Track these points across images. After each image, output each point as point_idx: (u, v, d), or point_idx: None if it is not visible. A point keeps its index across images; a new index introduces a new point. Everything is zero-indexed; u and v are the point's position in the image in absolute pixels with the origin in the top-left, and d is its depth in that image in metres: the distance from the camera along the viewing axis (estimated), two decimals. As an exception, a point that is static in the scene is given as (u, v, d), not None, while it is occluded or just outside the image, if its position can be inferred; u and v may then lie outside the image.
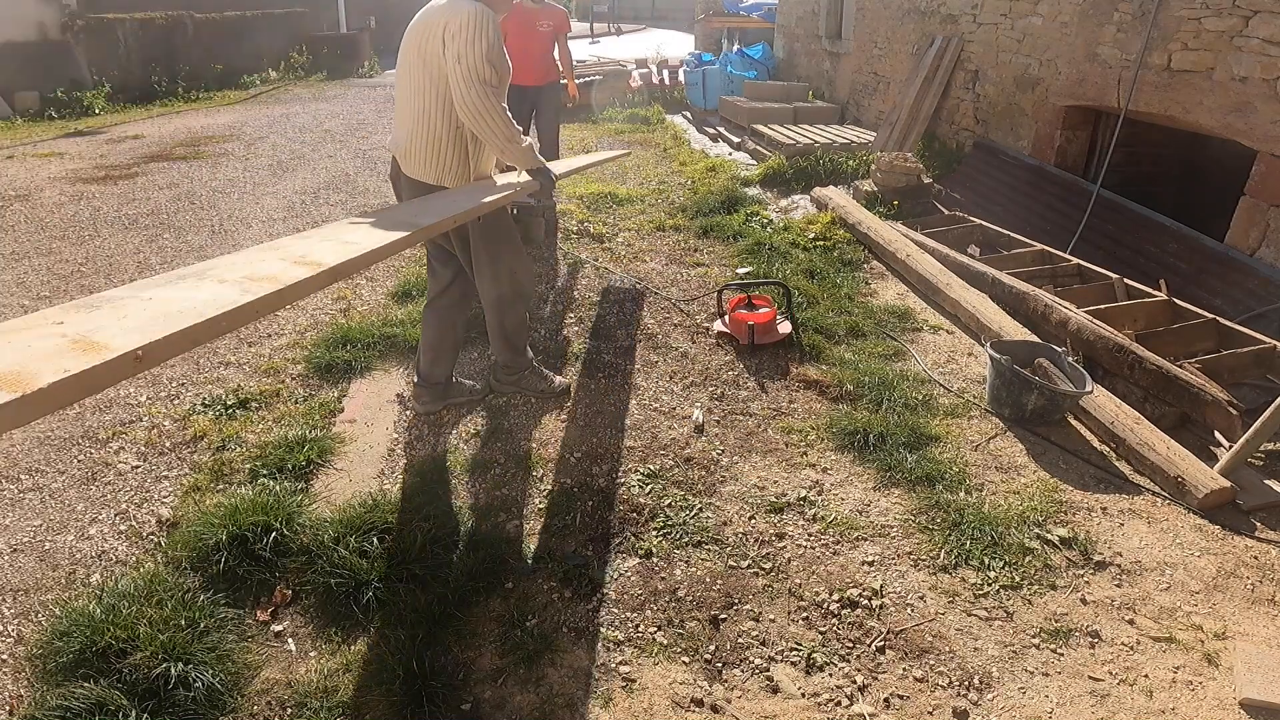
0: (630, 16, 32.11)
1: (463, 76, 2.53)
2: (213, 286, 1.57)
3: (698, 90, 10.48)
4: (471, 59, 2.52)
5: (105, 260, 5.01)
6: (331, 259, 1.80)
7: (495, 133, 2.65)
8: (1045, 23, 5.82)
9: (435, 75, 2.65)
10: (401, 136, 2.82)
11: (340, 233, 2.14)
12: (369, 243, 1.99)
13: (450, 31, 2.54)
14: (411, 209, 2.59)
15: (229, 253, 5.22)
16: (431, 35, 2.60)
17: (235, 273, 1.67)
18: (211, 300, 1.47)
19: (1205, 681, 2.05)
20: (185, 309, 1.42)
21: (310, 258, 1.80)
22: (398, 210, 2.63)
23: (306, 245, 1.96)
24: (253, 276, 1.63)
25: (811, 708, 1.96)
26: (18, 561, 2.42)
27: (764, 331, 3.81)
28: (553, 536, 2.54)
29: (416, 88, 2.70)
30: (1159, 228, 4.72)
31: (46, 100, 10.65)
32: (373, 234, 2.11)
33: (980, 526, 2.55)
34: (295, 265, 1.73)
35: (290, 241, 2.05)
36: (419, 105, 2.71)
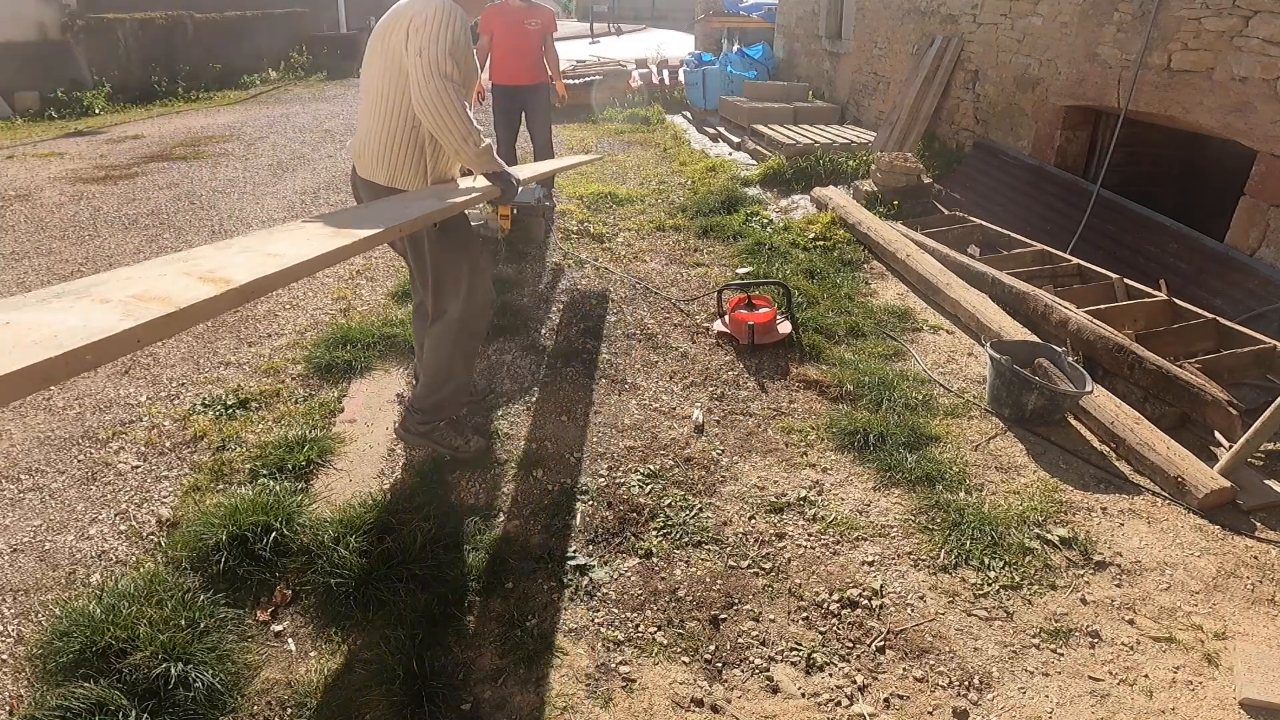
0: (630, 16, 32.10)
1: (422, 70, 2.42)
2: (88, 308, 1.35)
3: (698, 90, 10.48)
4: (433, 52, 2.41)
5: (105, 260, 5.01)
6: (243, 275, 1.55)
7: (450, 129, 2.49)
8: (1045, 23, 5.81)
9: (395, 70, 2.53)
10: (359, 135, 2.72)
11: (267, 242, 1.88)
12: (294, 255, 1.73)
13: (415, 25, 2.45)
14: (356, 214, 2.38)
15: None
16: (396, 29, 2.51)
17: (124, 290, 1.45)
18: (79, 327, 1.25)
19: (1205, 681, 2.05)
20: (40, 338, 1.20)
21: (220, 273, 1.57)
22: (341, 215, 2.38)
23: (220, 258, 1.72)
24: (143, 296, 1.40)
25: (811, 708, 1.96)
26: (18, 561, 2.42)
27: (764, 331, 3.81)
28: (553, 536, 2.54)
29: (376, 83, 2.60)
30: (1159, 228, 4.72)
31: (46, 100, 10.64)
32: (303, 244, 1.85)
33: (980, 526, 2.55)
34: (200, 283, 1.50)
35: (205, 252, 1.80)
36: (377, 101, 2.60)
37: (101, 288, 1.47)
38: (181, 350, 3.82)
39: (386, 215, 2.27)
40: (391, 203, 2.55)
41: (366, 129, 2.66)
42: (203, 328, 4.05)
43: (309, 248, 1.80)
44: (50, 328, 1.25)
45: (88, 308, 1.35)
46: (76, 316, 1.31)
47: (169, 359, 3.73)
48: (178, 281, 1.50)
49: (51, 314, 1.32)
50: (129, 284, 1.48)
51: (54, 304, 1.37)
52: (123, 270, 1.61)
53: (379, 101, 2.60)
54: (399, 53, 2.50)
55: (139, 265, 1.68)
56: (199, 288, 1.47)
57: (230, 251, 1.78)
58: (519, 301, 4.35)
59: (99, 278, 1.55)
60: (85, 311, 1.33)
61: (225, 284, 1.49)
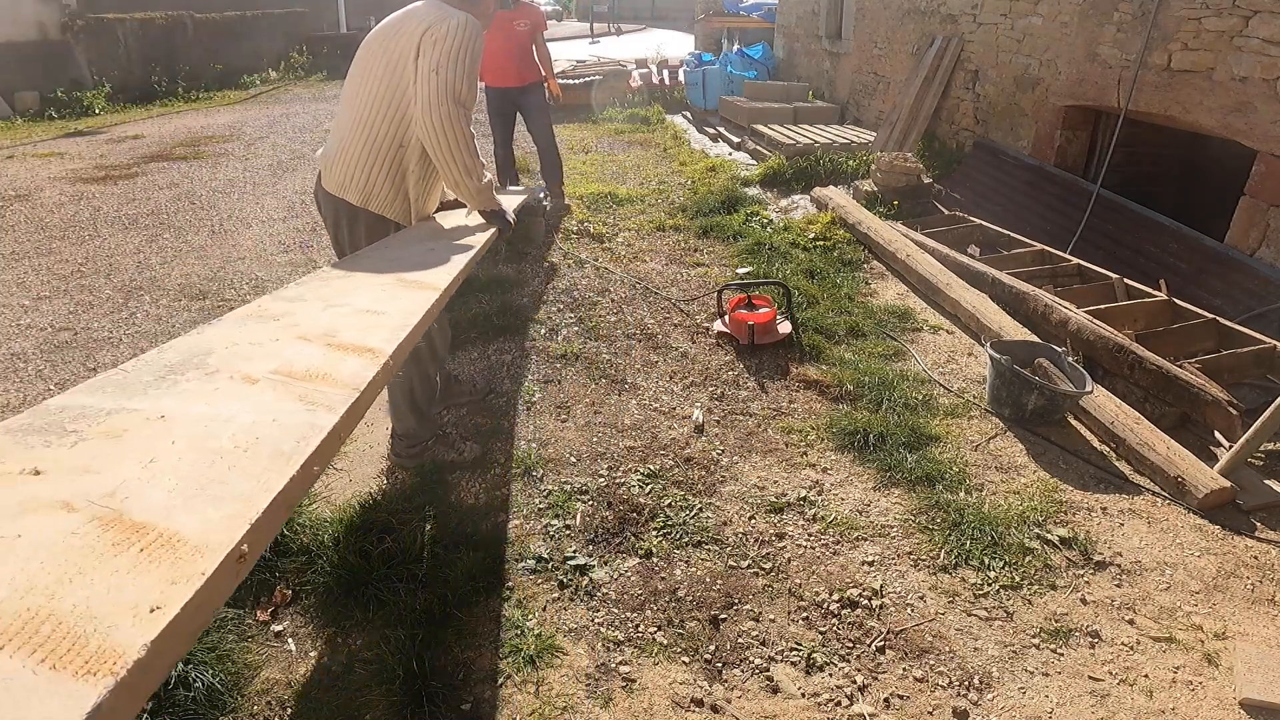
0: (630, 16, 32.10)
1: (435, 89, 2.25)
2: (245, 391, 1.06)
3: (698, 90, 10.47)
4: (450, 73, 2.25)
5: (105, 260, 5.01)
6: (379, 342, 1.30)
7: (455, 160, 2.34)
8: (1045, 23, 5.81)
9: (395, 80, 2.34)
10: (332, 144, 2.47)
11: (344, 295, 1.62)
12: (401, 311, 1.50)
13: (432, 37, 2.27)
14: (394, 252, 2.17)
15: (228, 254, 5.10)
16: (404, 36, 2.32)
17: (259, 364, 1.16)
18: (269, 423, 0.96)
19: (1205, 681, 2.05)
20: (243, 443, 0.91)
21: (345, 337, 1.31)
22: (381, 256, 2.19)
23: (318, 317, 1.43)
24: (294, 373, 1.13)
25: (811, 708, 1.96)
26: (18, 561, 2.42)
27: (764, 331, 3.81)
28: (553, 536, 2.54)
29: (368, 91, 2.38)
30: (1159, 228, 4.72)
31: (46, 100, 10.65)
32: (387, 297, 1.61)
33: (980, 526, 2.55)
34: (337, 351, 1.25)
35: (280, 308, 1.49)
36: (365, 111, 2.38)
37: (221, 360, 1.18)
38: (181, 350, 3.82)
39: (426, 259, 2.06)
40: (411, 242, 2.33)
41: (344, 140, 2.43)
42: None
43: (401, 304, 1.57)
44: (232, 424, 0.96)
45: (242, 389, 1.07)
46: (245, 405, 1.02)
47: (169, 359, 3.73)
48: (309, 351, 1.24)
49: (203, 402, 1.03)
50: (246, 353, 1.21)
51: (186, 385, 1.07)
52: (208, 331, 1.31)
53: (367, 111, 2.38)
54: (402, 62, 2.32)
55: (224, 326, 1.38)
56: (349, 359, 1.21)
57: (312, 308, 1.52)
58: (519, 301, 4.35)
59: (196, 343, 1.24)
60: (251, 397, 1.05)
61: (369, 352, 1.25)
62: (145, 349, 3.79)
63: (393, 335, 1.33)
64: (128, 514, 0.78)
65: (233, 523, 0.78)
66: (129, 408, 0.97)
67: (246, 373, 1.10)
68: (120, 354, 3.76)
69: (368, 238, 2.54)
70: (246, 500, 0.82)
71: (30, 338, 3.94)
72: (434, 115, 2.27)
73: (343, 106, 2.49)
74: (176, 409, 0.97)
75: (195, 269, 4.86)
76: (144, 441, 0.90)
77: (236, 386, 1.06)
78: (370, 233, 2.54)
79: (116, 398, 1.00)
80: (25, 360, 3.71)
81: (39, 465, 0.85)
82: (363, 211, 2.48)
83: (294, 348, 1.22)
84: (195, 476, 0.84)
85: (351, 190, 2.45)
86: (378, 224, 2.54)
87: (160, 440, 0.90)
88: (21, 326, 4.07)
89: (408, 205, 2.55)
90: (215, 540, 0.76)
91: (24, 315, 4.20)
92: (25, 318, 4.17)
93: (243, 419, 0.96)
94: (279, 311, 1.43)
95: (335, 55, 15.41)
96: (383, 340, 1.30)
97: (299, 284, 1.71)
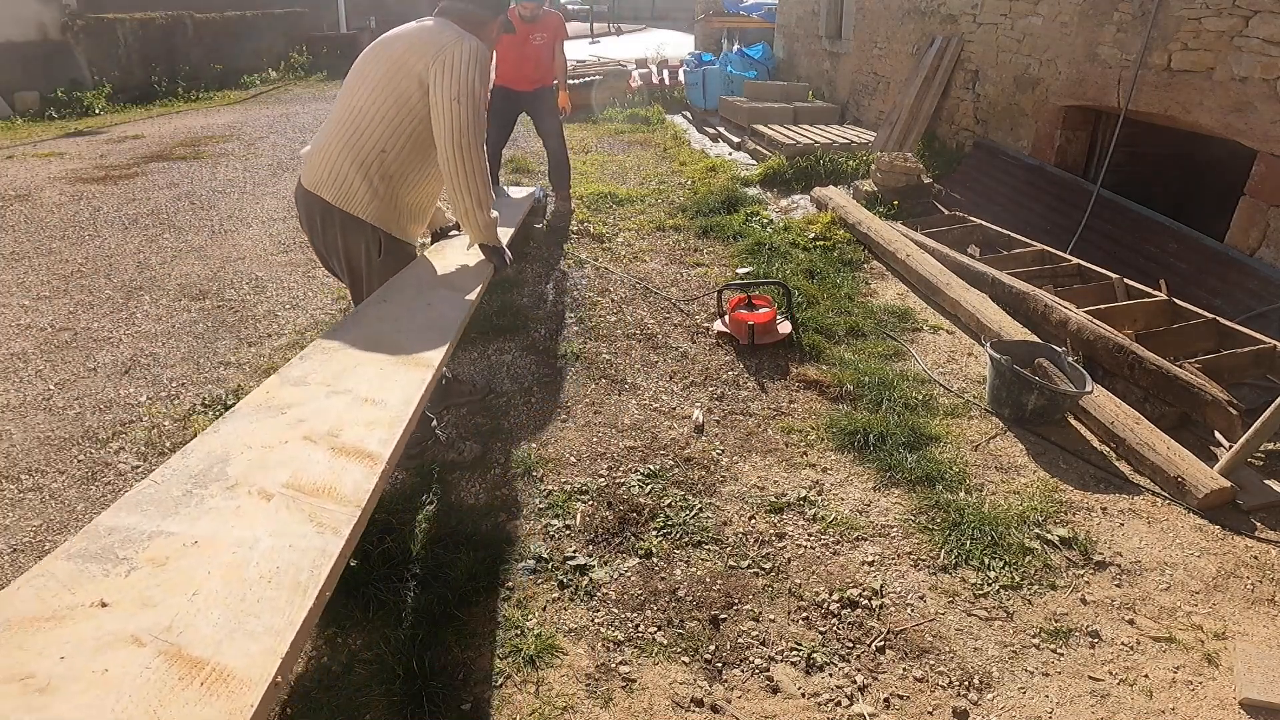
0: (630, 16, 32.10)
1: (458, 120, 2.29)
2: (262, 509, 1.17)
3: (698, 90, 10.47)
4: (469, 104, 2.30)
5: (105, 260, 5.01)
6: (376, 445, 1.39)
7: (470, 190, 2.38)
8: (1045, 23, 5.82)
9: (392, 87, 2.35)
10: (315, 140, 2.47)
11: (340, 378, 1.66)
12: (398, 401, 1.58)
13: (449, 63, 2.29)
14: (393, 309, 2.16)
15: (228, 254, 5.10)
16: (412, 50, 2.34)
17: (268, 475, 1.25)
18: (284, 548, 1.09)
19: (1205, 681, 2.05)
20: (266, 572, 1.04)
21: (347, 439, 1.39)
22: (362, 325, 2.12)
23: (325, 412, 1.49)
24: (304, 487, 1.23)
25: (811, 708, 1.96)
26: (18, 561, 2.42)
27: (764, 331, 3.81)
28: (553, 536, 2.54)
29: (361, 91, 2.38)
30: (1159, 228, 4.72)
31: (46, 100, 10.65)
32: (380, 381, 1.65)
33: (980, 526, 2.55)
34: (341, 457, 1.34)
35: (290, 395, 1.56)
36: (354, 108, 2.38)
37: (239, 469, 1.28)
38: (181, 350, 3.82)
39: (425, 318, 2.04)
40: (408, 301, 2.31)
41: (328, 137, 2.43)
42: (203, 327, 4.06)
43: (398, 389, 1.63)
44: (256, 550, 1.08)
45: (259, 508, 1.17)
46: (264, 527, 1.13)
47: (169, 359, 3.73)
48: (315, 458, 1.33)
49: (228, 524, 1.14)
50: (260, 459, 1.30)
51: (211, 501, 1.18)
52: (224, 429, 1.41)
53: (356, 113, 2.38)
54: (403, 72, 2.34)
55: (231, 419, 1.46)
56: (351, 467, 1.30)
57: (316, 395, 1.58)
58: (519, 301, 4.35)
59: (214, 447, 1.34)
60: (268, 518, 1.15)
61: (369, 458, 1.35)
62: (145, 349, 3.80)
63: (390, 434, 1.42)
64: (186, 649, 0.94)
65: (268, 658, 0.94)
66: (166, 530, 1.11)
67: (262, 487, 1.22)
68: (120, 354, 3.77)
69: (343, 239, 2.48)
70: (276, 635, 0.97)
71: (30, 338, 3.94)
72: (457, 147, 2.32)
73: (336, 108, 2.49)
74: (207, 533, 1.11)
75: (195, 269, 4.86)
76: (185, 571, 1.05)
77: (255, 504, 1.18)
78: (346, 234, 2.47)
79: (154, 517, 1.14)
80: (25, 360, 3.71)
81: (104, 597, 1.00)
82: (337, 210, 2.44)
83: (302, 452, 1.32)
84: (233, 610, 1.00)
85: (326, 187, 2.42)
86: (353, 225, 2.46)
87: (199, 570, 1.05)
88: (21, 326, 4.07)
89: (391, 213, 2.48)
90: (257, 674, 0.91)
91: (24, 315, 4.20)
92: (25, 318, 4.17)
93: (264, 544, 1.09)
94: (286, 401, 1.50)
95: (335, 55, 15.42)
96: (380, 443, 1.40)
97: (303, 359, 1.75)
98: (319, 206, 2.47)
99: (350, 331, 1.95)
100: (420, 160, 2.47)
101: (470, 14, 2.49)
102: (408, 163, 2.45)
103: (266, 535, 1.13)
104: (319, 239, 2.56)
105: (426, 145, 2.43)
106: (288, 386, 1.59)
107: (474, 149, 2.35)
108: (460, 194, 2.41)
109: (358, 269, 2.56)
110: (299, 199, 2.55)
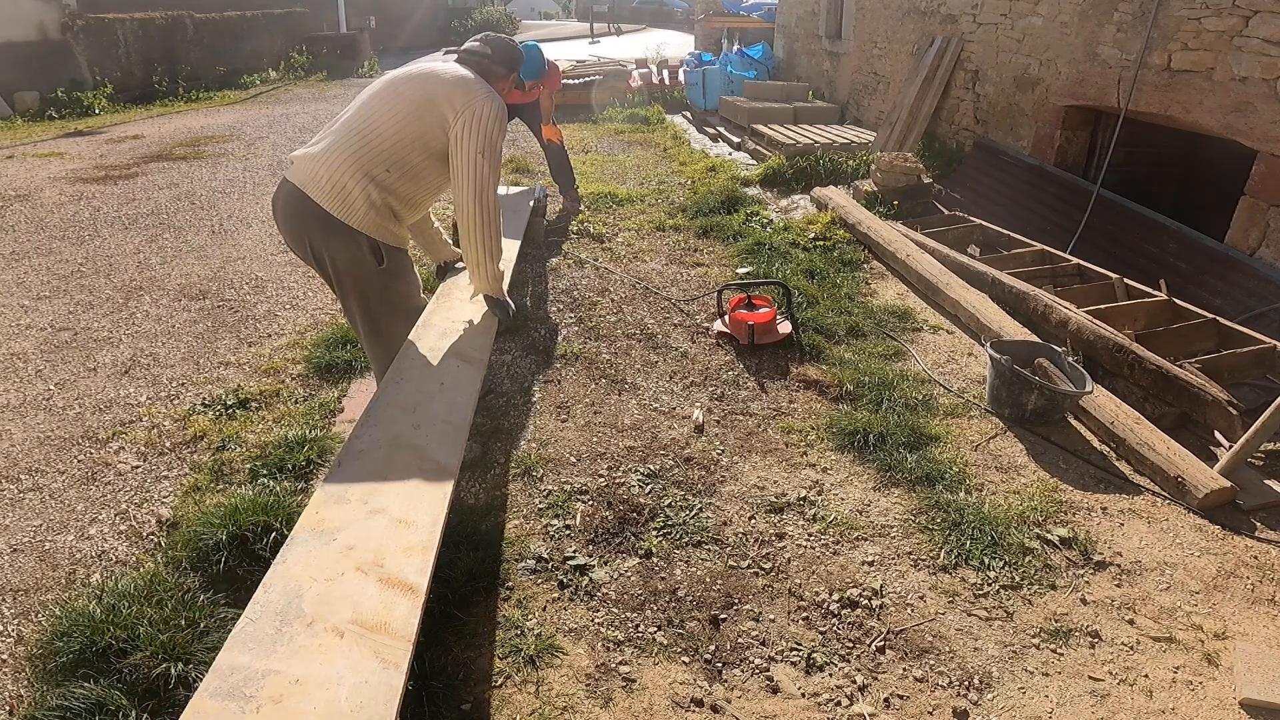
0: (630, 16, 32.10)
1: (480, 176, 2.41)
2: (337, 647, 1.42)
3: (698, 90, 10.48)
4: (490, 163, 2.43)
5: (105, 260, 5.01)
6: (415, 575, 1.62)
7: (484, 242, 2.48)
8: (1045, 23, 5.82)
9: (425, 125, 2.42)
10: (319, 146, 2.47)
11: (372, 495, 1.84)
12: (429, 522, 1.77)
13: (475, 118, 2.39)
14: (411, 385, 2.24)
15: (228, 254, 5.09)
16: (448, 98, 2.42)
17: (337, 612, 1.49)
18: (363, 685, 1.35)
19: (1205, 681, 2.05)
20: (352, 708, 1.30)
21: (391, 568, 1.62)
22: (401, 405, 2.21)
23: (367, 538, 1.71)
24: (366, 624, 1.48)
25: (811, 708, 1.96)
26: (18, 561, 2.42)
27: (764, 331, 3.81)
28: (553, 536, 2.54)
29: (387, 114, 2.43)
30: (1159, 228, 4.72)
31: (46, 100, 10.66)
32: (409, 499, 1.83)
33: (980, 526, 2.55)
34: (389, 589, 1.57)
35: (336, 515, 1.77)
36: (376, 127, 2.42)
37: (312, 606, 1.51)
38: (181, 350, 3.82)
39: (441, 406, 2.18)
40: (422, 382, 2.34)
41: (334, 148, 2.43)
42: (203, 327, 4.06)
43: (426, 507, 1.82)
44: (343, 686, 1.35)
45: (337, 646, 1.43)
46: (343, 664, 1.39)
47: (169, 359, 3.73)
48: (369, 591, 1.57)
49: (317, 661, 1.39)
50: (325, 593, 1.55)
51: (299, 640, 1.44)
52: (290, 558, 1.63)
53: (375, 132, 2.42)
54: (431, 111, 2.42)
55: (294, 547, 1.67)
56: (399, 600, 1.55)
57: (358, 516, 1.77)
58: (519, 301, 4.34)
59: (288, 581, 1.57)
60: (344, 655, 1.41)
61: (410, 591, 1.58)
62: (145, 349, 3.80)
63: (424, 561, 1.66)
64: None
65: None
66: (274, 669, 1.37)
67: (334, 624, 1.48)
68: (120, 354, 3.77)
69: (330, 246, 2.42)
70: None
71: (30, 338, 3.94)
72: (477, 200, 2.43)
73: (344, 118, 2.52)
74: (304, 672, 1.37)
75: (195, 269, 4.86)
76: (297, 708, 1.31)
77: (333, 642, 1.44)
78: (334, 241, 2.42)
79: (260, 656, 1.40)
80: (25, 360, 3.71)
81: None
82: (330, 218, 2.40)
83: (358, 586, 1.58)
84: None
85: (329, 198, 2.39)
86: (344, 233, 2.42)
87: (307, 706, 1.31)
88: (21, 326, 4.07)
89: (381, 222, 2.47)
90: None
91: (24, 315, 4.20)
92: (25, 318, 4.17)
93: (348, 681, 1.36)
94: (335, 524, 1.74)
95: (335, 55, 15.43)
96: (418, 572, 1.63)
97: (340, 468, 1.95)
98: (307, 210, 2.42)
99: (375, 430, 2.09)
100: (414, 185, 2.52)
101: (489, 68, 2.63)
102: (404, 183, 2.49)
103: (348, 672, 1.38)
104: (304, 246, 2.49)
105: (426, 174, 2.52)
106: (332, 504, 1.81)
107: (493, 203, 2.46)
108: (475, 244, 2.50)
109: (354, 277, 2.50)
110: (281, 201, 2.49)
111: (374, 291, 2.54)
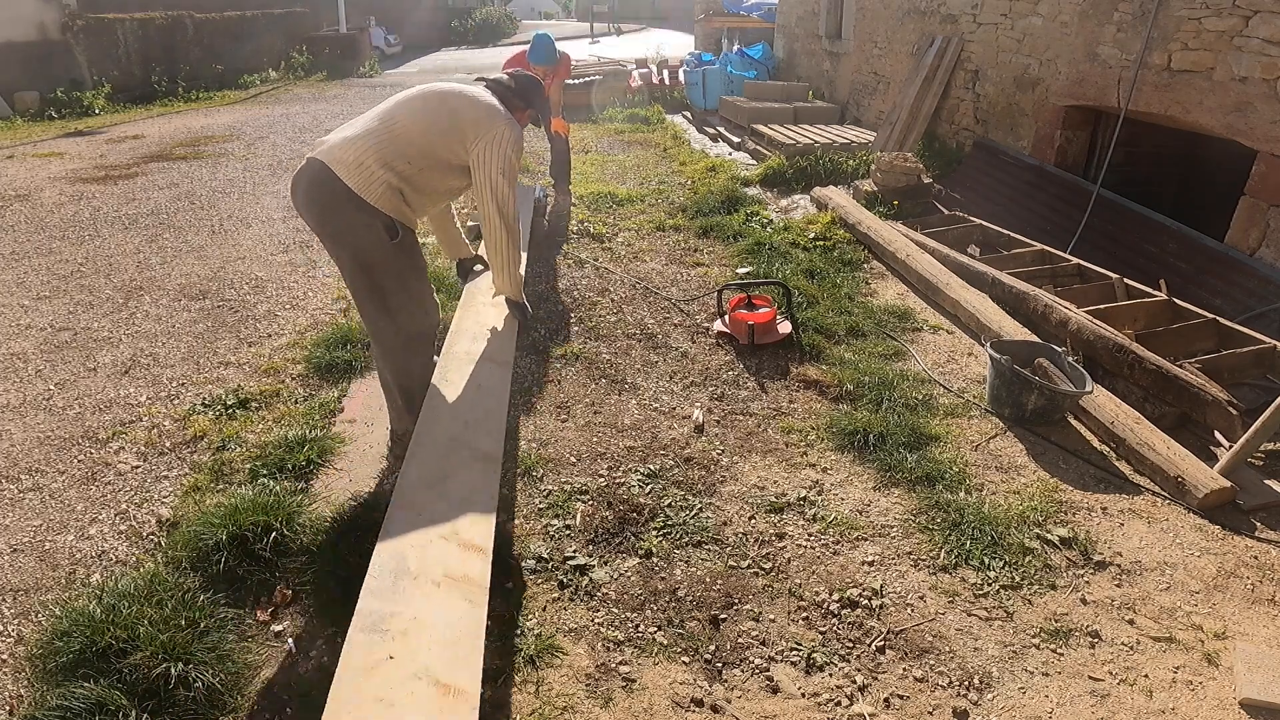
0: (630, 16, 32.09)
1: (502, 194, 2.69)
2: (437, 592, 1.82)
3: (698, 90, 10.48)
4: (511, 178, 2.69)
5: (105, 260, 5.01)
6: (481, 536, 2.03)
7: (505, 252, 2.80)
8: (1045, 23, 5.82)
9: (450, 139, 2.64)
10: (345, 133, 2.60)
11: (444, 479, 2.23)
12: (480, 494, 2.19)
13: (498, 140, 2.65)
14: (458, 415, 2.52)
15: (228, 254, 5.10)
16: (476, 121, 2.65)
17: (430, 568, 1.89)
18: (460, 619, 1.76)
19: (1205, 681, 2.05)
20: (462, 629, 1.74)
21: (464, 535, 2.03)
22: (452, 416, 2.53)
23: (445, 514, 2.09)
24: (455, 576, 1.88)
25: (811, 708, 1.96)
26: (18, 561, 2.42)
27: (764, 331, 3.81)
28: (553, 536, 2.54)
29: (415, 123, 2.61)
30: (1159, 228, 4.72)
31: (46, 100, 10.65)
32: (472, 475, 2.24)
33: (980, 526, 2.55)
34: (464, 550, 1.97)
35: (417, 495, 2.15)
36: (403, 133, 2.58)
37: (415, 565, 1.91)
38: (181, 350, 3.82)
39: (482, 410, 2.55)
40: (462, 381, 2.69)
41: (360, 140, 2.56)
42: (203, 327, 4.06)
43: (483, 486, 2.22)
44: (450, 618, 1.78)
45: (438, 593, 1.83)
46: (444, 604, 1.80)
47: (169, 359, 3.73)
48: (451, 552, 1.97)
49: (428, 604, 1.80)
50: (421, 556, 1.94)
51: (411, 590, 1.83)
52: (393, 531, 2.01)
53: (402, 138, 2.58)
54: (460, 133, 2.65)
55: (394, 522, 2.04)
56: (473, 559, 1.96)
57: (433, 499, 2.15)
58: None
59: (396, 549, 1.95)
60: (445, 598, 1.82)
61: (480, 551, 1.99)
62: (145, 349, 3.80)
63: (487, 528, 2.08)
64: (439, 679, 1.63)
65: (473, 682, 1.64)
66: (396, 611, 1.77)
67: (432, 578, 1.87)
68: (120, 354, 3.77)
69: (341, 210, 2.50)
70: (472, 675, 1.65)
71: (30, 338, 3.94)
72: (499, 213, 2.72)
73: (370, 118, 2.65)
74: (418, 613, 1.77)
75: (195, 269, 4.86)
76: (416, 635, 1.71)
77: (433, 590, 1.84)
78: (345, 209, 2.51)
79: (385, 602, 1.80)
80: (25, 360, 3.71)
81: (391, 653, 1.66)
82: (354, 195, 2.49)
83: (443, 549, 1.97)
84: (452, 660, 1.67)
85: (355, 177, 2.50)
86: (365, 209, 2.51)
87: (425, 634, 1.72)
88: (21, 326, 4.07)
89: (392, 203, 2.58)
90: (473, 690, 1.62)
91: (24, 315, 4.20)
92: (25, 318, 4.17)
93: (450, 616, 1.78)
94: (420, 504, 2.13)
95: (335, 55, 15.42)
96: (483, 537, 2.04)
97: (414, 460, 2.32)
98: (330, 184, 2.49)
99: (435, 428, 2.47)
100: (429, 182, 2.71)
101: (510, 100, 2.86)
102: (421, 178, 2.67)
103: (454, 610, 1.79)
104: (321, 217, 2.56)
105: (441, 177, 2.73)
106: (413, 489, 2.20)
107: (513, 215, 2.76)
108: (499, 251, 2.81)
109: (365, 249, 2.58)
110: (305, 176, 2.54)
111: (382, 264, 2.63)
